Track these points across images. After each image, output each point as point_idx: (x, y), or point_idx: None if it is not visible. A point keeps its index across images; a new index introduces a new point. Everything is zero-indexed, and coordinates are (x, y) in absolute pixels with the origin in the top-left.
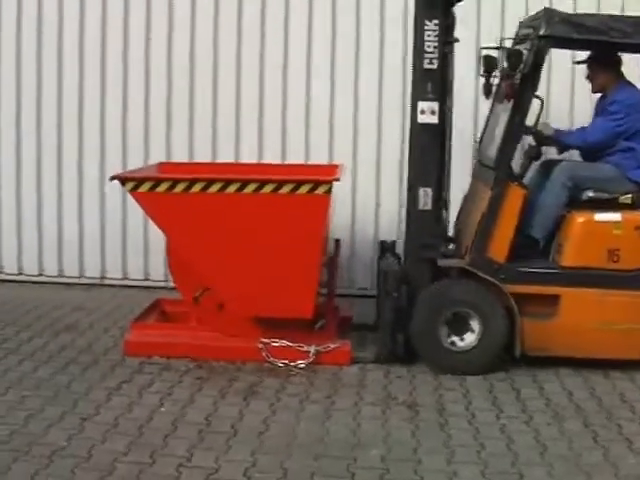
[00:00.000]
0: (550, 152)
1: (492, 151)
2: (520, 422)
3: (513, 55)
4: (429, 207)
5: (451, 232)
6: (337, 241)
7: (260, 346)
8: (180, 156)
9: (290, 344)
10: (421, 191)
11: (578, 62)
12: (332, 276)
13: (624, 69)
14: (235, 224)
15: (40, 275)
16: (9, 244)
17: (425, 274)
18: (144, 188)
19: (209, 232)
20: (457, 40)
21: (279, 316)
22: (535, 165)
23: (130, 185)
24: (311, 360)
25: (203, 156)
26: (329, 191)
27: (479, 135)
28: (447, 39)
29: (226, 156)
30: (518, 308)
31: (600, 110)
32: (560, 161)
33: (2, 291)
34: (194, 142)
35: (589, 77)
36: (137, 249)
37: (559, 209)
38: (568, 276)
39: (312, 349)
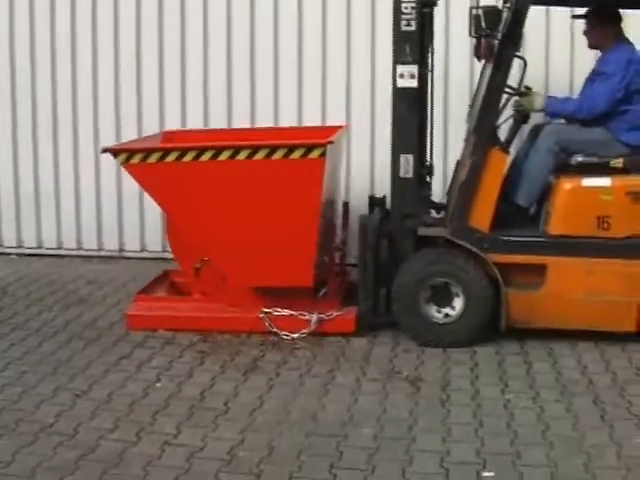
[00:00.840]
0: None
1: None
2: (526, 398)
3: (490, 13)
4: (410, 175)
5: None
6: (345, 204)
7: (262, 316)
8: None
9: (292, 313)
10: (402, 158)
11: (576, 16)
12: (332, 242)
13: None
14: (230, 192)
15: (59, 248)
16: (28, 219)
17: (408, 244)
18: (136, 160)
19: (204, 202)
20: (435, 3)
21: (279, 285)
22: (526, 128)
23: (122, 157)
24: (313, 329)
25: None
26: (323, 154)
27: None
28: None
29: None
30: (503, 279)
31: (596, 71)
32: (548, 124)
33: (20, 266)
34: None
35: (586, 32)
36: (155, 223)
37: (545, 175)
38: (555, 245)
39: (314, 317)
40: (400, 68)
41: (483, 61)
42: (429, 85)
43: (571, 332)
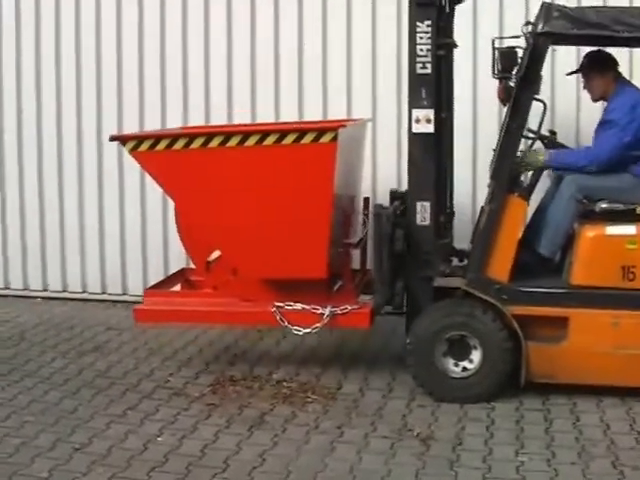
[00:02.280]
0: None
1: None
2: (541, 460)
3: (506, 55)
4: (427, 222)
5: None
6: (366, 200)
7: (273, 310)
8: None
9: (304, 307)
10: (418, 205)
11: (571, 73)
12: (348, 236)
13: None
14: (240, 179)
15: (84, 292)
16: (53, 262)
17: (425, 294)
18: (144, 147)
19: (213, 190)
20: (455, 44)
21: (291, 277)
22: (551, 175)
23: (130, 145)
24: (326, 322)
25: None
26: (335, 139)
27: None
28: (441, 41)
29: None
30: (523, 331)
31: (601, 120)
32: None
33: (44, 310)
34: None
35: (586, 86)
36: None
37: (568, 224)
38: (577, 296)
39: (327, 311)
40: (416, 112)
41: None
42: (449, 128)
43: (597, 387)
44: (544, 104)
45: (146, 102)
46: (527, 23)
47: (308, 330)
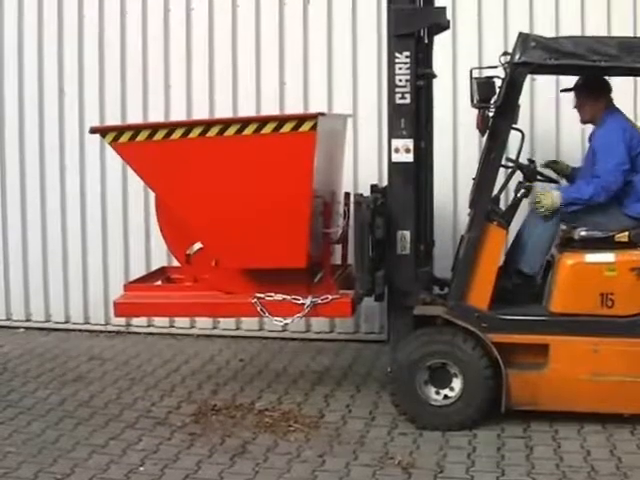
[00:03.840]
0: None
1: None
2: None
3: (484, 85)
4: (407, 251)
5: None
6: (347, 194)
7: (254, 301)
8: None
9: (285, 297)
10: (398, 234)
11: (565, 90)
12: (327, 226)
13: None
14: (220, 169)
15: (67, 322)
16: (36, 292)
17: (406, 322)
18: (124, 138)
19: (193, 180)
20: (434, 75)
21: (272, 266)
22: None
23: (110, 137)
24: (307, 312)
25: None
26: (314, 127)
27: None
28: (421, 72)
29: None
30: (503, 359)
31: (593, 148)
32: None
33: (27, 340)
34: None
35: (577, 107)
36: None
37: (549, 247)
38: (557, 323)
39: (308, 301)
40: (395, 142)
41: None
42: (428, 158)
43: (578, 414)
44: (522, 133)
45: (128, 95)
46: (505, 53)
47: (289, 320)
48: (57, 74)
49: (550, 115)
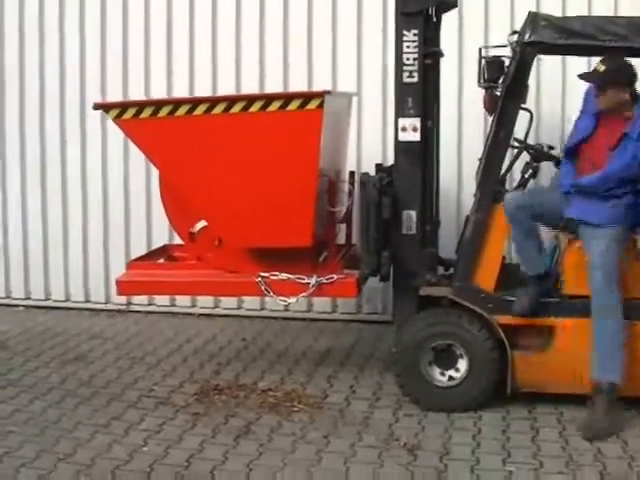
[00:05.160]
0: None
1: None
2: (528, 469)
3: (493, 64)
4: (413, 231)
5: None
6: (351, 173)
7: (258, 280)
8: None
9: (290, 276)
10: (404, 214)
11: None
12: (332, 204)
13: None
14: (225, 147)
15: (67, 301)
16: (36, 271)
17: (411, 303)
18: (129, 114)
19: (198, 158)
20: (442, 53)
21: (276, 245)
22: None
23: (114, 112)
24: (311, 292)
25: None
26: (321, 105)
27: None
28: (428, 50)
29: None
30: (509, 340)
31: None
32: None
33: (26, 319)
34: None
35: (597, 95)
36: None
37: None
38: (565, 305)
39: (313, 280)
40: (402, 121)
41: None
42: (435, 137)
43: (584, 396)
44: (531, 113)
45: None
46: (513, 32)
47: (294, 299)
48: (58, 48)
49: (556, 97)
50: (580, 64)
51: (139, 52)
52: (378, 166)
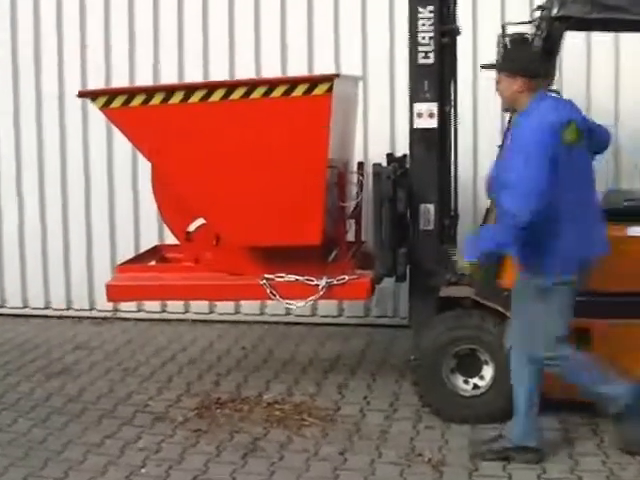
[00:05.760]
0: None
1: None
2: None
3: (518, 42)
4: (431, 227)
5: None
6: (360, 164)
7: (262, 283)
8: None
9: (297, 278)
10: (421, 208)
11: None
12: (341, 199)
13: None
14: (225, 138)
15: (47, 308)
16: (12, 276)
17: (430, 304)
18: (117, 103)
19: (195, 150)
20: (459, 31)
21: (282, 244)
22: None
23: (101, 101)
24: (321, 295)
25: None
26: (330, 90)
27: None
28: (445, 28)
29: None
30: None
31: None
32: None
33: (4, 328)
34: None
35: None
36: None
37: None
38: (600, 305)
39: (323, 282)
40: (417, 106)
41: None
42: (452, 125)
43: None
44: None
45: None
46: (539, 7)
47: (302, 303)
48: (33, 28)
49: (580, 80)
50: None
51: (123, 35)
52: (389, 156)
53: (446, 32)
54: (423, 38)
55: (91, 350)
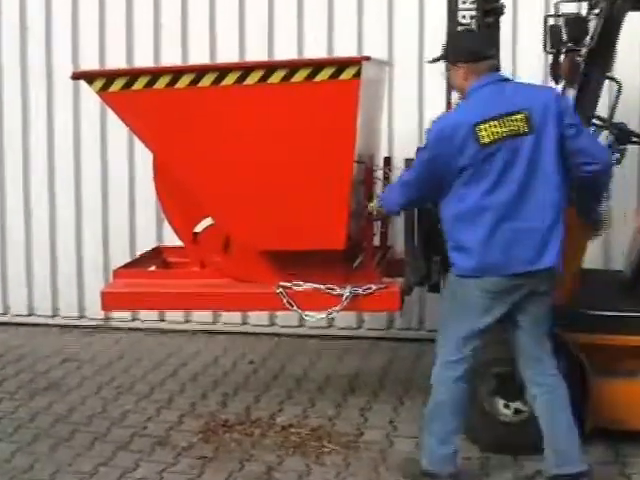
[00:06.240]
0: None
1: None
2: None
3: (574, 23)
4: None
5: None
6: (387, 159)
7: (278, 291)
8: None
9: (318, 287)
10: None
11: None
12: (370, 200)
13: None
14: (239, 127)
15: (30, 316)
16: None
17: None
18: (117, 86)
19: (205, 140)
20: (502, 9)
21: (301, 248)
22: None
23: (99, 84)
24: (345, 306)
25: None
26: (358, 74)
27: None
28: (488, 6)
29: None
30: (590, 365)
31: None
32: None
33: None
34: None
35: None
36: None
37: None
38: None
39: (347, 291)
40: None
41: (562, 84)
42: None
43: None
44: (619, 84)
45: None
46: None
47: (323, 315)
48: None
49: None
50: None
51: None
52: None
53: (490, 11)
54: (464, 17)
55: (81, 363)
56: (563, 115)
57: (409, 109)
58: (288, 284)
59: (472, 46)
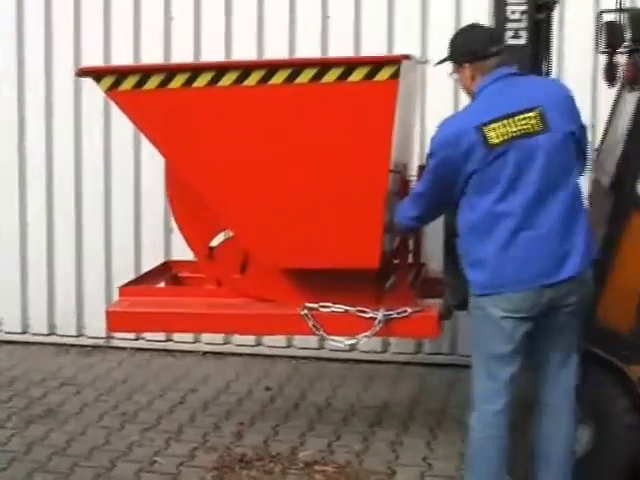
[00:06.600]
0: None
1: (612, 165)
2: None
3: (637, 20)
4: None
5: None
6: (421, 168)
7: (304, 313)
8: None
9: (348, 309)
10: None
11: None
12: None
13: None
14: (261, 132)
15: (24, 333)
16: None
17: None
18: (128, 85)
19: (224, 146)
20: (555, 4)
21: (330, 267)
22: None
23: (108, 82)
24: (378, 330)
25: None
26: (396, 75)
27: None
28: (541, 1)
29: None
30: None
31: None
32: None
33: None
34: None
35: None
36: None
37: None
38: None
39: (380, 315)
40: None
41: (617, 88)
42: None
43: None
44: None
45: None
46: None
47: (353, 341)
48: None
49: None
50: None
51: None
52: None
53: (542, 6)
54: (513, 12)
55: (80, 387)
56: (577, 112)
57: (443, 112)
58: (315, 305)
59: (475, 44)
